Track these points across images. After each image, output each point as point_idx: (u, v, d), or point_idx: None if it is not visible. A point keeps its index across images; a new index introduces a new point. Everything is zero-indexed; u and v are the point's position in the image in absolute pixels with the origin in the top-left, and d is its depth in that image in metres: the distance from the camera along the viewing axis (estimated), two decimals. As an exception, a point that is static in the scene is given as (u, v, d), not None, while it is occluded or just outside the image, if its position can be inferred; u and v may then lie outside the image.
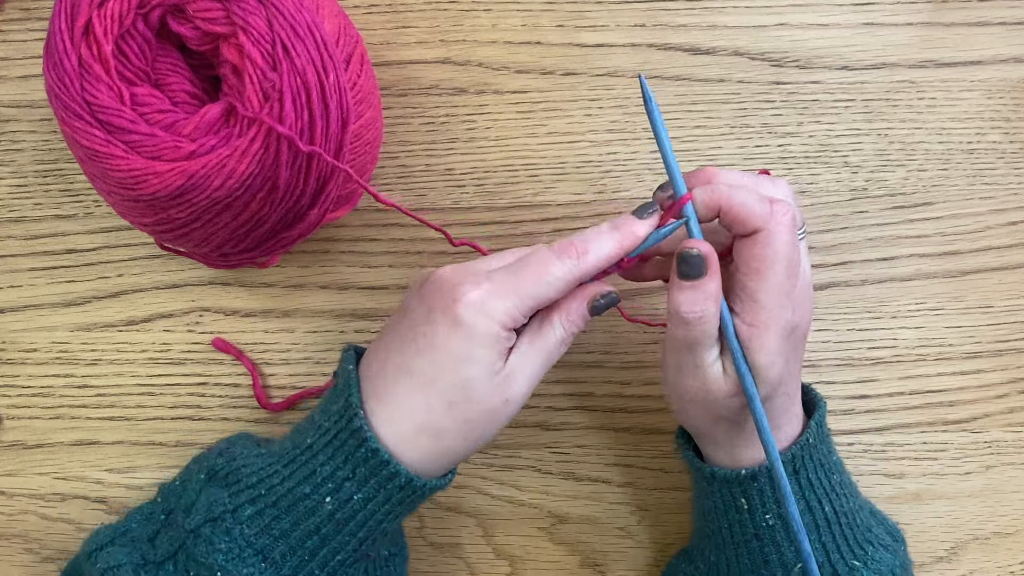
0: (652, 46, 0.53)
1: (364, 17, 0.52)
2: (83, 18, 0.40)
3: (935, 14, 0.53)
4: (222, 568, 0.38)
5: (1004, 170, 0.53)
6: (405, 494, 0.39)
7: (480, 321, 0.38)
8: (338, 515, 0.39)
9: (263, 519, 0.39)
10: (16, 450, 0.52)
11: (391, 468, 0.38)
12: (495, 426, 0.40)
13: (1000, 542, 0.52)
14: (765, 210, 0.39)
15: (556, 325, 0.40)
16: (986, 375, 0.52)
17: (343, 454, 0.39)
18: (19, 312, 0.52)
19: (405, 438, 0.39)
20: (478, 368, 0.39)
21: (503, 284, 0.39)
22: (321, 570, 0.39)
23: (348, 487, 0.39)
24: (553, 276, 0.39)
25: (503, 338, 0.39)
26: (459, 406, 0.39)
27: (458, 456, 0.40)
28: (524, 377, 0.40)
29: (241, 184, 0.41)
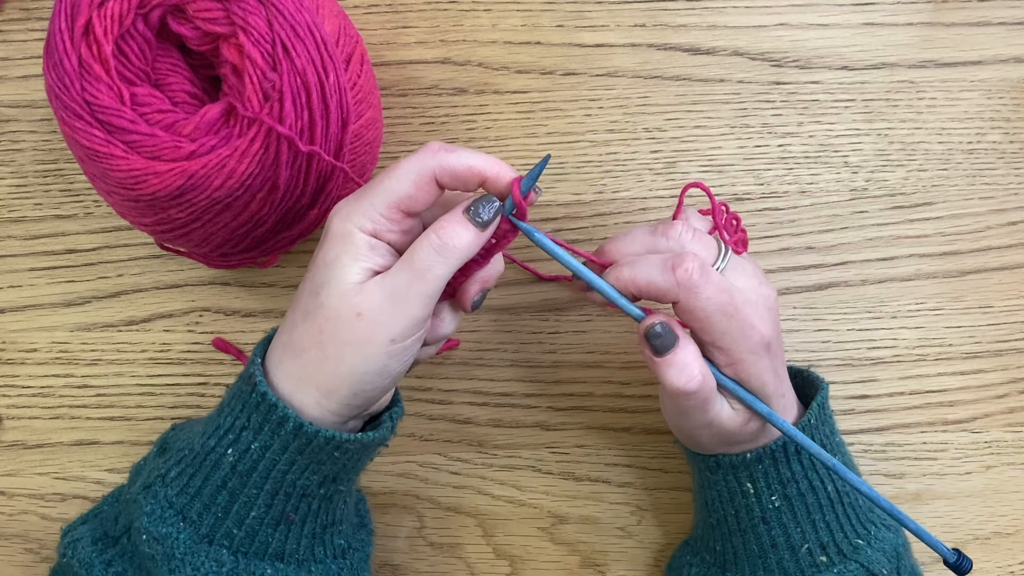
0: (652, 46, 0.53)
1: (364, 17, 0.52)
2: (83, 18, 0.40)
3: (935, 14, 0.53)
4: (146, 530, 0.38)
5: (1004, 170, 0.53)
6: (301, 442, 0.38)
7: (335, 223, 0.38)
8: (239, 466, 0.38)
9: (182, 479, 0.39)
10: (16, 450, 0.52)
11: (279, 412, 0.37)
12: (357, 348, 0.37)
13: (1000, 542, 0.52)
14: (670, 280, 0.39)
15: (426, 235, 0.38)
16: (986, 375, 0.52)
17: (240, 402, 0.39)
18: (19, 312, 0.52)
19: (275, 361, 0.39)
20: (330, 270, 0.37)
21: (363, 189, 0.39)
22: (238, 528, 0.39)
23: (245, 436, 0.38)
24: (402, 167, 0.38)
25: (361, 241, 0.37)
26: (312, 315, 0.38)
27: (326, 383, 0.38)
28: (384, 292, 0.37)
29: (241, 184, 0.41)
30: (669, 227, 0.41)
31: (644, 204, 0.52)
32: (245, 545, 0.39)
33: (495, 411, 0.52)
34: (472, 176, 0.38)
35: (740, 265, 0.41)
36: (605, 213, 0.52)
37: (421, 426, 0.52)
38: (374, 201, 0.38)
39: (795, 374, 0.47)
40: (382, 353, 0.37)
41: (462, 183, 0.38)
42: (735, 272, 0.41)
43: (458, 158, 0.38)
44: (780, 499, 0.42)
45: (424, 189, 0.38)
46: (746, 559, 0.43)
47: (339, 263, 0.37)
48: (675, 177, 0.52)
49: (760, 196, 0.52)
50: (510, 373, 0.52)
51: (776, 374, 0.41)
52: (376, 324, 0.37)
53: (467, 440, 0.52)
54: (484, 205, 0.38)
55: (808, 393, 0.45)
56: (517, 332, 0.52)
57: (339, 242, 0.38)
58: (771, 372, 0.41)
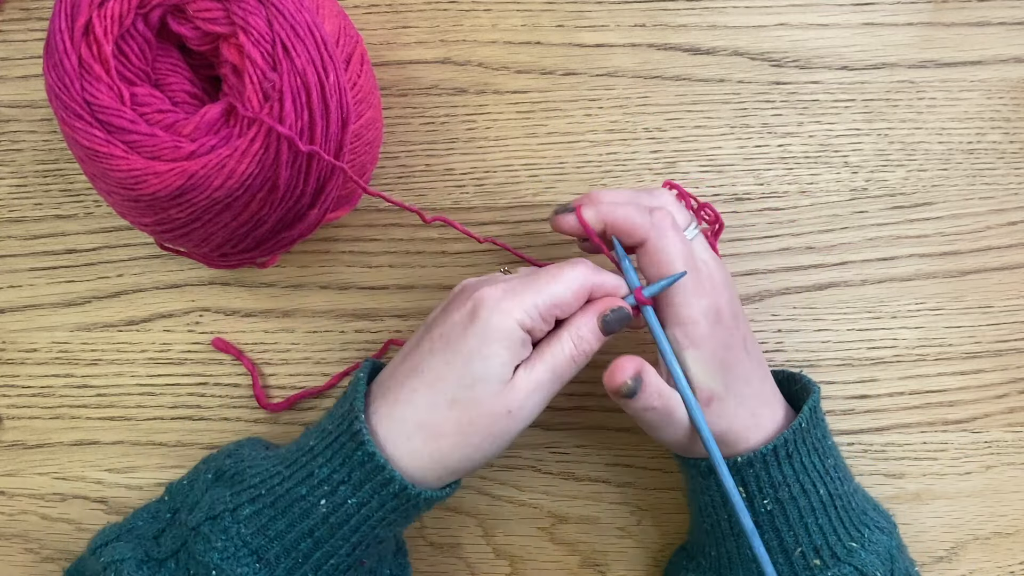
0: (652, 46, 0.53)
1: (364, 17, 0.52)
2: (83, 18, 0.40)
3: (935, 14, 0.53)
4: (217, 567, 0.38)
5: (1004, 170, 0.53)
6: (399, 502, 0.39)
7: (495, 318, 0.39)
8: (332, 519, 0.38)
9: (260, 519, 0.39)
10: (16, 450, 0.52)
11: (386, 474, 0.38)
12: (496, 439, 0.39)
13: (1000, 542, 0.52)
14: (645, 220, 0.42)
15: (564, 339, 0.40)
16: (986, 375, 0.52)
17: (340, 457, 0.39)
18: (19, 312, 0.52)
19: (402, 435, 0.39)
20: (488, 366, 0.38)
21: (520, 284, 0.40)
22: (314, 573, 0.39)
23: (343, 491, 0.38)
24: (567, 276, 0.40)
25: (518, 338, 0.39)
26: (461, 405, 0.39)
27: (454, 464, 0.39)
28: (529, 391, 0.39)
29: (241, 184, 0.41)
30: (655, 189, 0.44)
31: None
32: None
33: (495, 411, 0.52)
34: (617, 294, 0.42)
35: (705, 246, 0.44)
36: (605, 213, 0.52)
37: (421, 426, 0.52)
38: (537, 301, 0.39)
39: (788, 378, 0.47)
40: (512, 440, 0.40)
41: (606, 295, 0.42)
42: (699, 247, 0.43)
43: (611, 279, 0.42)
44: (772, 503, 0.42)
45: (580, 301, 0.41)
46: (740, 564, 0.43)
47: (498, 360, 0.39)
48: (675, 177, 0.52)
49: (760, 196, 0.52)
50: (510, 373, 0.52)
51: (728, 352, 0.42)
52: (519, 420, 0.39)
53: (467, 440, 0.52)
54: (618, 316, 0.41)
55: (800, 396, 0.45)
56: (517, 332, 0.52)
57: (501, 339, 0.39)
58: (721, 343, 0.41)
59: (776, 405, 0.44)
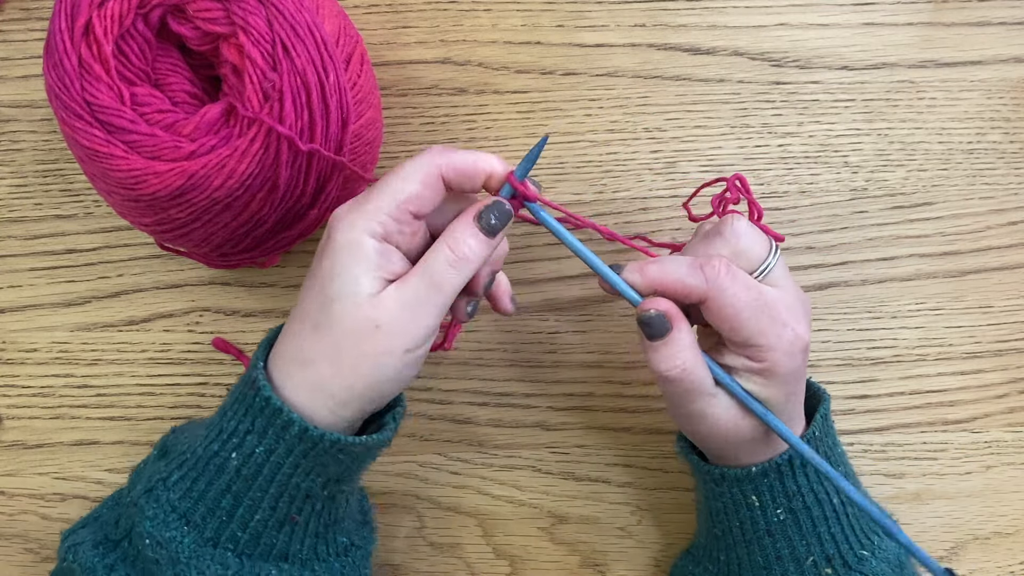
0: (652, 46, 0.53)
1: (364, 17, 0.52)
2: (83, 18, 0.40)
3: (935, 14, 0.53)
4: (149, 534, 0.38)
5: (1004, 170, 0.53)
6: (306, 445, 0.38)
7: (343, 234, 0.37)
8: (244, 470, 0.38)
9: (185, 483, 0.39)
10: (16, 450, 0.52)
11: (284, 416, 0.37)
12: (374, 360, 0.37)
13: (1000, 542, 0.52)
14: (699, 280, 0.39)
15: (438, 245, 0.38)
16: (986, 375, 0.52)
17: (243, 407, 0.39)
18: (19, 312, 0.52)
19: (283, 372, 0.38)
20: (341, 282, 0.37)
21: (366, 194, 0.38)
22: (243, 531, 0.39)
23: (250, 440, 0.38)
24: (408, 167, 0.38)
25: (370, 248, 0.37)
26: (323, 328, 0.37)
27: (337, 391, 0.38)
28: (401, 303, 0.37)
29: (241, 184, 0.41)
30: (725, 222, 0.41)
31: (644, 204, 0.52)
32: (250, 547, 0.39)
33: (495, 411, 0.52)
34: (477, 172, 0.38)
35: (783, 265, 0.41)
36: (605, 213, 0.52)
37: (421, 426, 0.52)
38: (380, 204, 0.37)
39: None
40: (399, 363, 0.38)
41: (468, 179, 0.38)
42: (783, 270, 0.41)
43: (462, 156, 0.38)
44: (785, 512, 0.42)
45: (432, 187, 0.38)
46: (751, 570, 0.43)
47: (350, 274, 0.37)
48: (675, 177, 0.52)
49: (760, 196, 0.52)
50: (510, 373, 0.52)
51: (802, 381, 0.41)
52: (393, 335, 0.37)
53: (467, 440, 0.52)
54: (494, 211, 0.38)
55: (809, 403, 0.45)
56: (517, 332, 0.52)
57: (348, 252, 0.37)
58: (801, 376, 0.40)
59: (800, 419, 0.43)
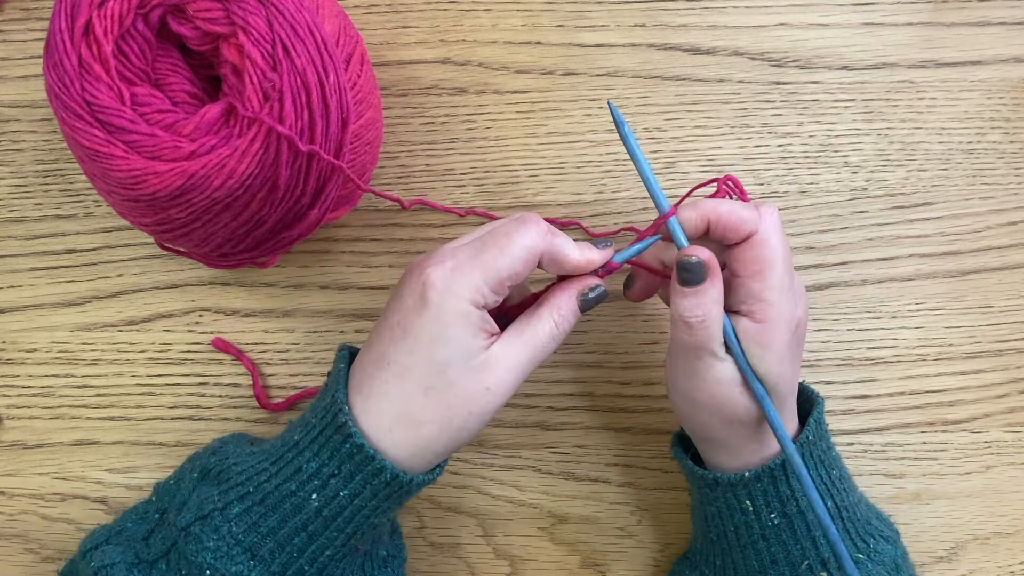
0: (652, 46, 0.53)
1: (364, 17, 0.52)
2: (83, 18, 0.40)
3: (935, 14, 0.53)
4: (211, 566, 0.38)
5: (1004, 170, 0.53)
6: (392, 489, 0.39)
7: (447, 300, 0.38)
8: (325, 512, 0.38)
9: (251, 516, 0.39)
10: (16, 450, 0.52)
11: (376, 463, 0.38)
12: (477, 417, 0.39)
13: (1000, 542, 0.52)
14: (753, 215, 0.41)
15: (544, 318, 0.40)
16: (986, 375, 0.52)
17: (328, 450, 0.39)
18: (19, 312, 0.52)
19: (382, 428, 0.39)
20: (451, 349, 0.38)
21: (467, 259, 0.39)
22: (311, 566, 0.39)
23: (334, 484, 0.38)
24: (516, 245, 0.39)
25: (474, 316, 0.38)
26: (436, 391, 0.38)
27: (441, 447, 0.39)
28: (507, 367, 0.39)
29: (241, 184, 0.41)
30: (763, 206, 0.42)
31: (644, 204, 0.52)
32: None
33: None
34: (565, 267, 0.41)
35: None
36: (605, 213, 0.52)
37: (421, 426, 0.52)
38: (486, 276, 0.38)
39: None
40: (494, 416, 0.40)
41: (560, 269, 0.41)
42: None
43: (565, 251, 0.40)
44: (779, 516, 0.42)
45: (530, 269, 0.40)
46: (746, 574, 0.43)
47: (462, 342, 0.38)
48: (675, 177, 0.52)
49: (760, 196, 0.52)
50: (510, 373, 0.52)
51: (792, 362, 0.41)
52: (499, 396, 0.39)
53: (467, 440, 0.52)
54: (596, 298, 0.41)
55: (804, 407, 0.45)
56: (517, 332, 0.52)
57: (457, 321, 0.38)
58: (789, 353, 0.41)
59: (793, 419, 0.44)
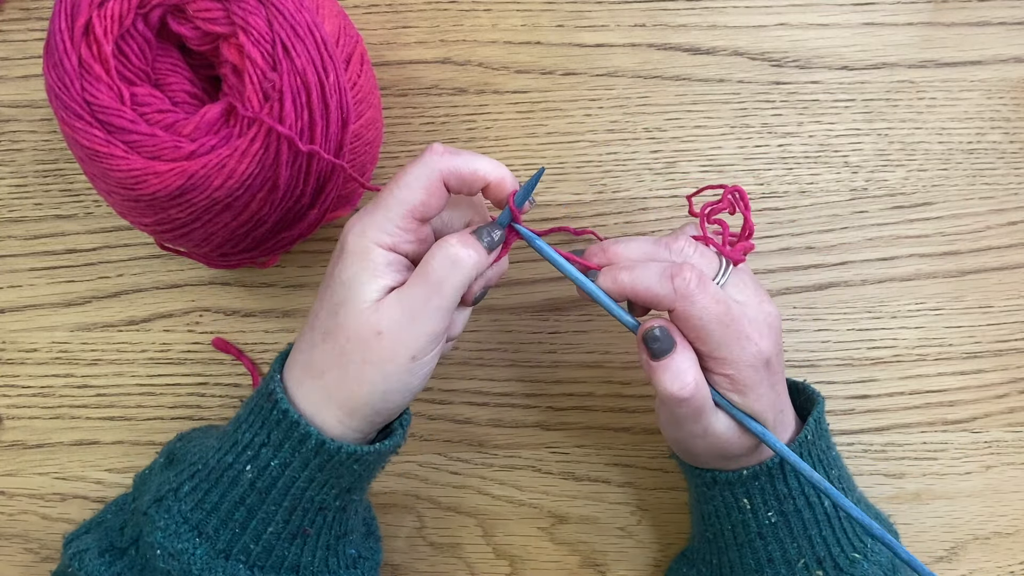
0: (652, 46, 0.53)
1: (364, 17, 0.52)
2: (83, 18, 0.40)
3: (935, 14, 0.53)
4: (160, 545, 0.38)
5: (1004, 170, 0.53)
6: (322, 459, 0.38)
7: (354, 241, 0.38)
8: (259, 483, 0.38)
9: (197, 494, 0.39)
10: (16, 450, 0.52)
11: (301, 429, 0.37)
12: (378, 367, 0.37)
13: (1000, 542, 0.52)
14: (668, 289, 0.39)
15: (439, 249, 0.38)
16: (986, 375, 0.52)
17: (259, 419, 0.39)
18: (19, 312, 0.52)
19: (295, 381, 0.39)
20: (349, 289, 0.37)
21: (374, 203, 0.39)
22: (255, 543, 0.39)
23: (265, 453, 0.38)
24: (410, 174, 0.38)
25: (379, 257, 0.37)
26: (331, 335, 0.38)
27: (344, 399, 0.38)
28: (401, 308, 0.37)
29: (241, 184, 0.41)
30: (673, 240, 0.41)
31: (644, 204, 0.52)
32: (261, 559, 0.39)
33: (495, 411, 0.52)
34: (476, 180, 0.39)
35: (742, 280, 0.41)
36: (605, 213, 0.52)
37: (421, 426, 0.52)
38: (388, 213, 0.38)
39: (791, 387, 0.47)
40: (403, 371, 0.38)
41: (467, 186, 0.39)
42: (736, 288, 0.41)
43: (464, 162, 0.38)
44: (776, 515, 0.42)
45: (435, 194, 0.38)
46: (743, 573, 0.43)
47: (357, 281, 0.37)
48: (675, 177, 0.52)
49: (760, 196, 0.52)
50: (510, 373, 0.52)
51: (774, 389, 0.41)
52: (396, 342, 0.37)
53: (467, 440, 0.52)
54: (489, 232, 0.39)
55: (805, 406, 0.45)
56: (517, 332, 0.52)
57: (357, 259, 0.38)
58: (768, 387, 0.40)
59: (790, 423, 0.43)
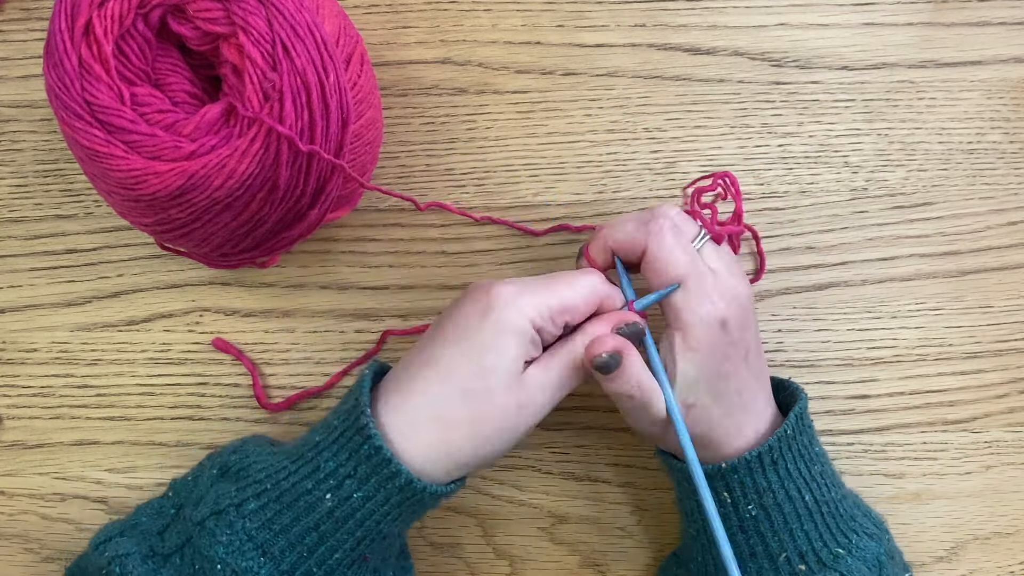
0: (652, 46, 0.53)
1: (364, 17, 0.52)
2: (83, 18, 0.40)
3: (935, 14, 0.53)
4: (222, 560, 0.38)
5: (1004, 170, 0.53)
6: (404, 496, 0.39)
7: (510, 313, 0.39)
8: (337, 512, 0.39)
9: (265, 513, 0.39)
10: (16, 450, 0.52)
11: (392, 467, 0.38)
12: (504, 433, 0.40)
13: (1000, 542, 0.52)
14: (641, 232, 0.42)
15: (579, 343, 0.41)
16: (986, 375, 0.52)
17: (347, 451, 0.39)
18: (19, 312, 0.52)
19: (413, 426, 0.39)
20: (501, 359, 0.39)
21: (535, 284, 0.41)
22: (319, 568, 0.39)
23: (349, 484, 0.38)
24: (580, 283, 0.41)
25: (529, 334, 0.40)
26: (474, 397, 0.39)
27: (464, 457, 0.40)
28: (540, 387, 0.40)
29: (241, 184, 0.41)
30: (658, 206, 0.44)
31: (644, 204, 0.52)
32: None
33: (495, 411, 0.52)
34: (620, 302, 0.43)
35: (721, 253, 0.43)
36: (605, 213, 0.52)
37: (421, 426, 0.52)
38: (550, 303, 0.40)
39: (778, 386, 0.47)
40: (524, 436, 0.41)
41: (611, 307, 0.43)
42: (711, 256, 0.43)
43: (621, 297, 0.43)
44: (757, 508, 0.42)
45: (590, 308, 0.42)
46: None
47: (511, 354, 0.39)
48: (675, 177, 0.52)
49: (760, 196, 0.52)
50: (510, 373, 0.52)
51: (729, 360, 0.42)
52: (530, 416, 0.40)
53: (467, 440, 0.52)
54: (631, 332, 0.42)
55: (788, 403, 0.45)
56: (517, 332, 0.52)
57: (514, 333, 0.40)
58: (722, 353, 0.42)
59: (765, 414, 0.44)
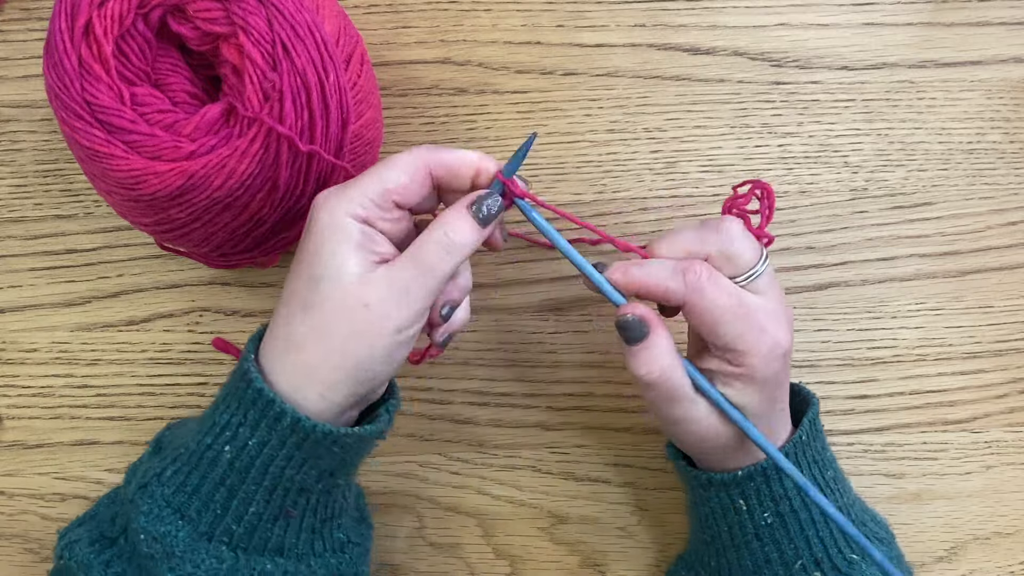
0: (652, 46, 0.53)
1: (364, 17, 0.52)
2: (83, 18, 0.40)
3: (935, 14, 0.53)
4: (144, 529, 0.38)
5: (1004, 170, 0.53)
6: (299, 437, 0.38)
7: (324, 215, 0.38)
8: (237, 463, 0.38)
9: (178, 477, 0.39)
10: (16, 450, 0.52)
11: (276, 407, 0.37)
12: (363, 339, 0.37)
13: (1000, 542, 0.52)
14: (679, 284, 0.39)
15: (433, 230, 0.38)
16: (986, 375, 0.52)
17: (235, 400, 0.39)
18: (19, 312, 0.52)
19: (275, 358, 0.38)
20: (328, 263, 0.37)
21: (357, 178, 0.39)
22: (237, 524, 0.39)
23: (243, 433, 0.38)
24: (398, 158, 0.39)
25: (353, 229, 0.38)
26: (312, 308, 0.38)
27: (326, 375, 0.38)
28: (388, 283, 0.37)
29: (241, 184, 0.41)
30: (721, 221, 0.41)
31: (644, 204, 0.52)
32: (244, 541, 0.39)
33: (495, 411, 0.52)
34: (465, 167, 0.39)
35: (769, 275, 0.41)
36: (605, 213, 0.52)
37: (421, 426, 0.52)
38: (365, 189, 0.38)
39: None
40: (389, 342, 0.38)
41: (455, 176, 0.39)
42: (770, 279, 0.41)
43: (450, 152, 0.39)
44: (772, 516, 0.42)
45: (417, 181, 0.39)
46: (741, 575, 0.43)
47: (338, 254, 0.37)
48: (675, 177, 0.52)
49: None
50: (510, 373, 0.52)
51: (782, 386, 0.41)
52: (383, 315, 0.37)
53: (467, 440, 0.52)
54: (487, 200, 0.39)
55: (800, 408, 0.45)
56: (517, 332, 0.52)
57: (333, 232, 0.38)
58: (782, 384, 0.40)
59: (787, 422, 0.43)
